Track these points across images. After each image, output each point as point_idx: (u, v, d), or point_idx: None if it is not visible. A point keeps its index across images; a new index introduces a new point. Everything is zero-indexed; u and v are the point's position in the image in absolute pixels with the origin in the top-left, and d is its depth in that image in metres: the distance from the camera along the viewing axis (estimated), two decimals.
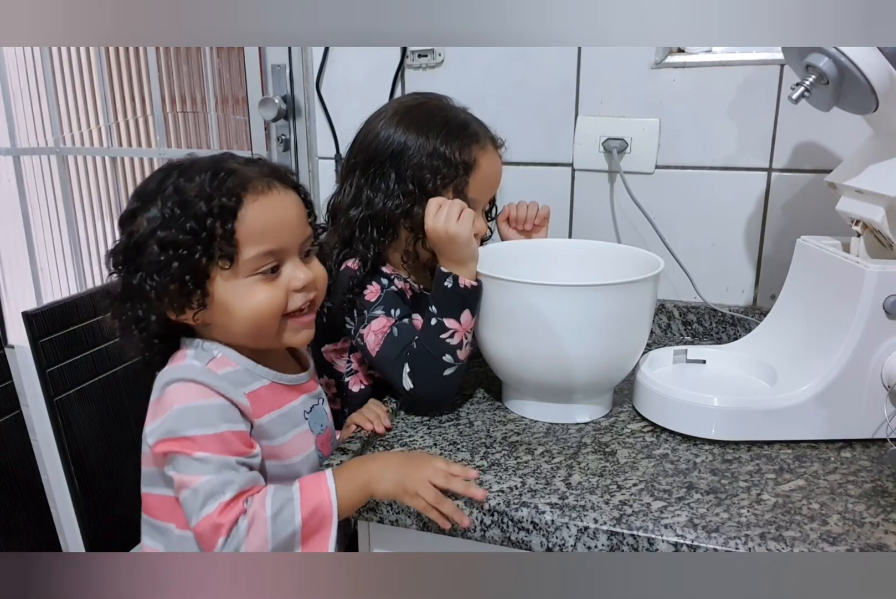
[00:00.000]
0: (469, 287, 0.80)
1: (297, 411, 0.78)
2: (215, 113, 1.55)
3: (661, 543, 0.60)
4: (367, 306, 0.88)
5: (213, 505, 0.64)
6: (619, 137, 1.12)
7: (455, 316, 0.80)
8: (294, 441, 0.76)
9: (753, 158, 1.07)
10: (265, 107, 1.29)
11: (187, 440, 0.66)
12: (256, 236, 0.69)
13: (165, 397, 0.69)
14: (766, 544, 0.59)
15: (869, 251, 0.81)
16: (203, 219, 0.68)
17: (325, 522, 0.65)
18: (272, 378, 0.76)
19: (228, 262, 0.69)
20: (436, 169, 0.88)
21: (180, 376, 0.70)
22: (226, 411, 0.69)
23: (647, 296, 0.79)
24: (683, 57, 1.09)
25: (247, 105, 1.34)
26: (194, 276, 0.69)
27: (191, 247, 0.68)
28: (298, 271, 0.72)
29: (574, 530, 0.63)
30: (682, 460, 0.74)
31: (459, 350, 0.81)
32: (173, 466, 0.68)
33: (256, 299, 0.71)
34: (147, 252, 0.69)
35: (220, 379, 0.70)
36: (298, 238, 0.73)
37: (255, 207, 0.69)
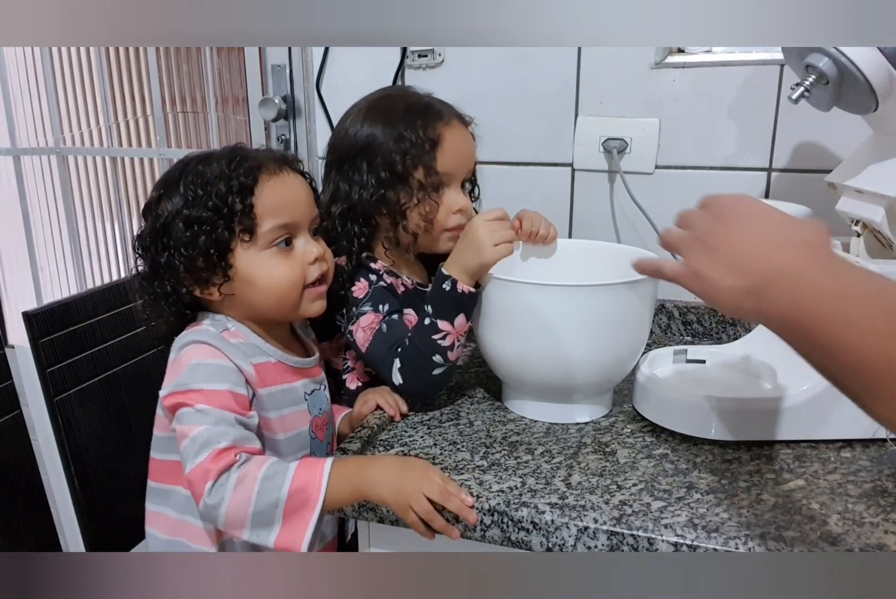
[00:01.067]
0: (466, 293, 0.80)
1: (298, 391, 0.83)
2: (215, 113, 1.55)
3: (661, 543, 0.60)
4: (356, 303, 0.89)
5: (206, 452, 0.68)
6: (619, 137, 1.12)
7: (449, 319, 0.81)
8: (287, 418, 0.81)
9: (753, 158, 1.07)
10: (265, 107, 1.29)
11: (193, 393, 0.71)
12: (272, 210, 0.76)
13: (182, 356, 0.75)
14: (766, 544, 0.59)
15: (869, 251, 0.81)
16: (224, 197, 0.74)
17: (308, 503, 0.66)
18: (278, 357, 0.81)
19: (249, 234, 0.75)
20: (404, 151, 0.89)
21: (196, 338, 0.76)
22: (232, 373, 0.74)
23: (647, 296, 0.79)
24: (683, 57, 1.09)
25: (247, 105, 1.34)
26: (218, 249, 0.75)
27: (214, 223, 0.74)
28: (311, 246, 0.80)
29: (574, 530, 0.63)
30: (682, 460, 0.74)
31: (450, 352, 0.82)
32: (178, 420, 0.72)
33: (278, 271, 0.77)
34: (173, 231, 0.75)
35: (231, 346, 0.76)
36: (308, 215, 0.80)
37: (270, 185, 0.76)
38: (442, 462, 0.73)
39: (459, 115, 0.96)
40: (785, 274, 0.50)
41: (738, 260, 0.53)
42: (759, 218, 0.55)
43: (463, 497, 0.65)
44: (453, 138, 0.92)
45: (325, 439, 0.87)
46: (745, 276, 0.52)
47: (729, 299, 0.53)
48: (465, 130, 0.95)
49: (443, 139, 0.91)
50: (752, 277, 0.51)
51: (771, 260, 0.51)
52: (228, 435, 0.69)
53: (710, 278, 0.54)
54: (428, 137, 0.90)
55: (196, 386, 0.72)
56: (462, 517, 0.65)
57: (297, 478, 0.66)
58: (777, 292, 0.50)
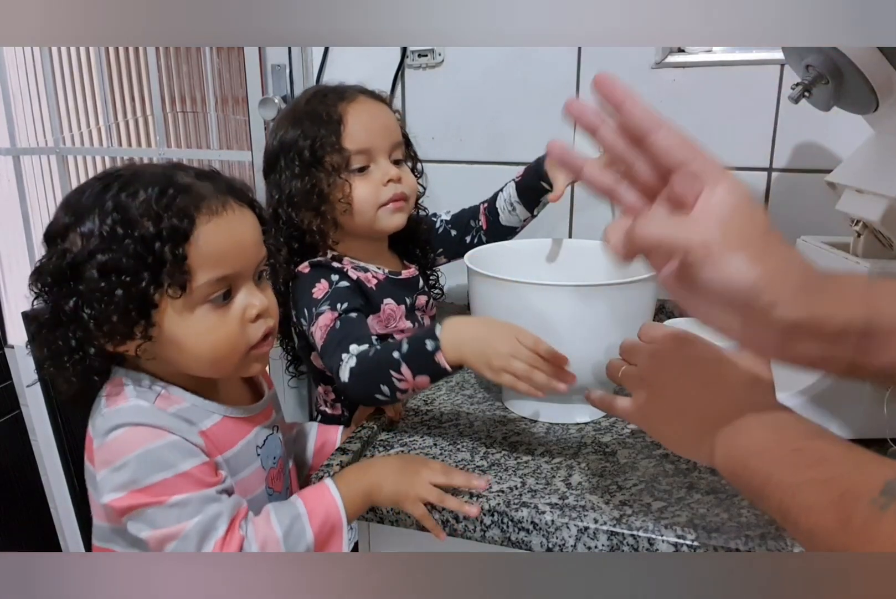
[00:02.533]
0: (442, 367, 0.73)
1: (251, 446, 0.73)
2: (215, 113, 1.55)
3: (661, 543, 0.60)
4: (315, 304, 0.87)
5: (209, 547, 0.60)
6: None
7: (414, 371, 0.74)
8: (242, 483, 0.71)
9: (753, 158, 1.07)
10: (265, 107, 1.29)
11: (155, 488, 0.61)
12: (210, 261, 0.63)
13: (113, 444, 0.63)
14: (766, 544, 0.59)
15: (869, 251, 0.81)
16: (151, 242, 0.60)
17: (335, 531, 0.64)
18: (223, 413, 0.70)
19: (180, 290, 0.62)
20: (310, 138, 0.90)
21: (128, 420, 0.63)
22: (183, 447, 0.64)
23: (647, 296, 0.79)
24: (683, 57, 1.09)
25: (247, 105, 1.34)
26: (140, 305, 0.62)
27: (136, 273, 0.61)
28: (253, 299, 0.67)
29: (574, 530, 0.63)
30: (682, 460, 0.74)
31: (399, 393, 0.76)
32: (147, 522, 0.61)
33: (213, 334, 0.65)
34: (85, 276, 0.61)
35: (170, 418, 0.65)
36: (253, 262, 0.68)
37: (209, 230, 0.63)
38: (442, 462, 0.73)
39: (367, 91, 0.96)
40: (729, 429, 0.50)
41: (682, 406, 0.54)
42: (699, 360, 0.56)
43: (475, 483, 0.65)
44: (357, 113, 0.92)
45: (282, 488, 0.78)
46: (691, 425, 0.53)
47: (680, 446, 0.55)
48: (374, 104, 0.95)
49: (347, 116, 0.91)
50: (699, 425, 0.52)
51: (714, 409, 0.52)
52: (223, 516, 0.61)
53: (656, 421, 0.56)
54: (330, 118, 0.90)
55: (154, 480, 0.61)
56: (463, 513, 0.65)
57: (314, 516, 0.64)
58: (724, 449, 0.50)
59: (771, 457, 0.46)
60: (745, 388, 0.53)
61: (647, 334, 0.60)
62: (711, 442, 0.51)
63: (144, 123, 1.78)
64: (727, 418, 0.51)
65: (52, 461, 0.97)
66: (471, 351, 0.71)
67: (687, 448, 0.54)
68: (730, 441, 0.50)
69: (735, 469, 0.49)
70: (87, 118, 1.79)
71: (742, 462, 0.48)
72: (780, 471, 0.45)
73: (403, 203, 0.94)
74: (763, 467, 0.46)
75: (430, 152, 1.24)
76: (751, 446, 0.48)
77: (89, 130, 1.80)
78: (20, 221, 1.76)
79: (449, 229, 1.08)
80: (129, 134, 1.79)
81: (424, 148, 1.23)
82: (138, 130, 1.79)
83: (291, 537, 0.63)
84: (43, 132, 1.75)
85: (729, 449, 0.50)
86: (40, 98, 1.71)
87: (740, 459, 0.48)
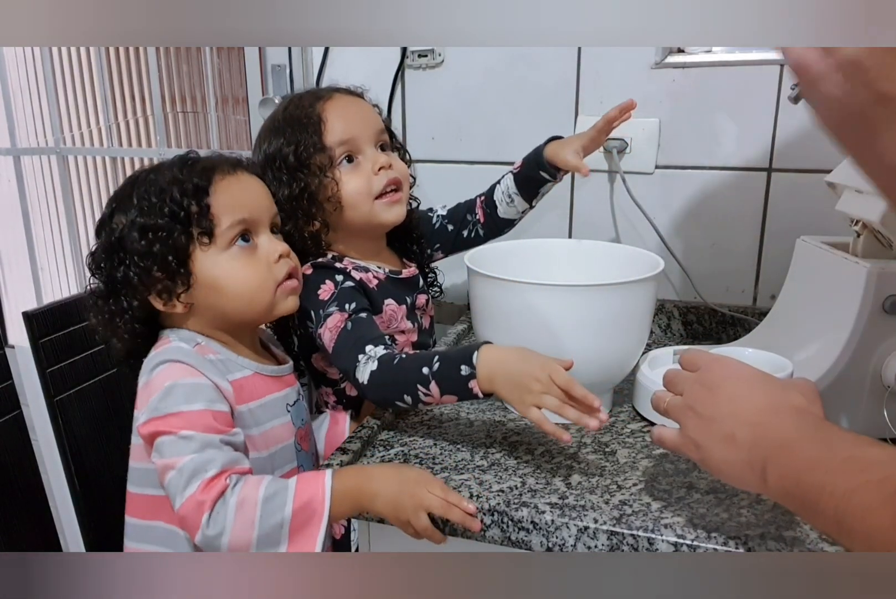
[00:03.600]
0: (474, 392, 0.73)
1: (280, 402, 0.80)
2: (215, 113, 1.55)
3: (661, 543, 0.60)
4: (322, 306, 0.87)
5: (195, 483, 0.65)
6: (619, 137, 1.12)
7: (442, 390, 0.74)
8: (273, 432, 0.78)
9: (753, 158, 1.07)
10: (265, 107, 1.28)
11: (172, 417, 0.68)
12: (229, 208, 0.74)
13: (154, 378, 0.71)
14: (766, 544, 0.59)
15: (869, 251, 0.81)
16: (179, 201, 0.72)
17: (314, 518, 0.65)
18: (255, 369, 0.78)
19: (207, 237, 0.73)
20: (295, 144, 0.90)
21: (169, 357, 0.72)
22: (210, 390, 0.71)
23: (647, 296, 0.79)
24: (683, 57, 1.09)
25: (247, 105, 1.34)
26: (176, 255, 0.72)
27: (170, 228, 0.72)
28: (274, 244, 0.77)
29: (574, 530, 0.63)
30: (682, 460, 0.74)
31: (421, 404, 0.77)
32: (158, 451, 0.68)
33: (244, 272, 0.75)
34: (128, 243, 0.72)
35: (206, 362, 0.73)
36: (267, 212, 0.78)
37: (225, 184, 0.75)
38: (442, 462, 0.73)
39: (342, 88, 0.96)
40: (781, 447, 0.50)
41: (734, 430, 0.53)
42: (748, 383, 0.56)
43: (465, 506, 0.64)
44: (336, 109, 0.92)
45: (309, 449, 0.85)
46: (742, 448, 0.52)
47: (731, 472, 0.54)
48: (351, 99, 0.95)
49: (325, 114, 0.91)
50: (749, 448, 0.52)
51: (766, 430, 0.52)
52: (216, 461, 0.66)
53: (708, 449, 0.55)
54: (310, 119, 0.90)
55: (174, 409, 0.68)
56: (465, 527, 0.65)
57: (300, 495, 0.65)
58: (776, 468, 0.50)
59: (824, 469, 0.46)
60: (793, 407, 0.53)
61: (690, 361, 0.60)
62: (762, 465, 0.51)
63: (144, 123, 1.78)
64: (778, 438, 0.51)
65: (52, 461, 0.97)
66: (503, 384, 0.71)
67: (738, 474, 0.54)
68: (782, 461, 0.50)
69: (788, 488, 0.49)
70: (87, 118, 1.79)
71: (795, 479, 0.48)
72: (834, 480, 0.45)
73: (399, 194, 0.94)
74: (816, 479, 0.46)
75: (430, 152, 1.24)
76: (802, 462, 0.48)
77: (89, 130, 1.80)
78: (20, 221, 1.76)
79: (445, 224, 1.07)
80: (129, 134, 1.79)
81: (424, 148, 1.24)
82: (138, 130, 1.79)
83: (271, 504, 0.64)
84: (43, 132, 1.75)
85: (781, 469, 0.49)
86: (40, 98, 1.71)
87: (793, 476, 0.48)
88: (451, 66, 1.19)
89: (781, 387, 0.55)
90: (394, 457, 0.75)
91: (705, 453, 0.55)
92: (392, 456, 0.75)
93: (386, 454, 0.76)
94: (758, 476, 0.51)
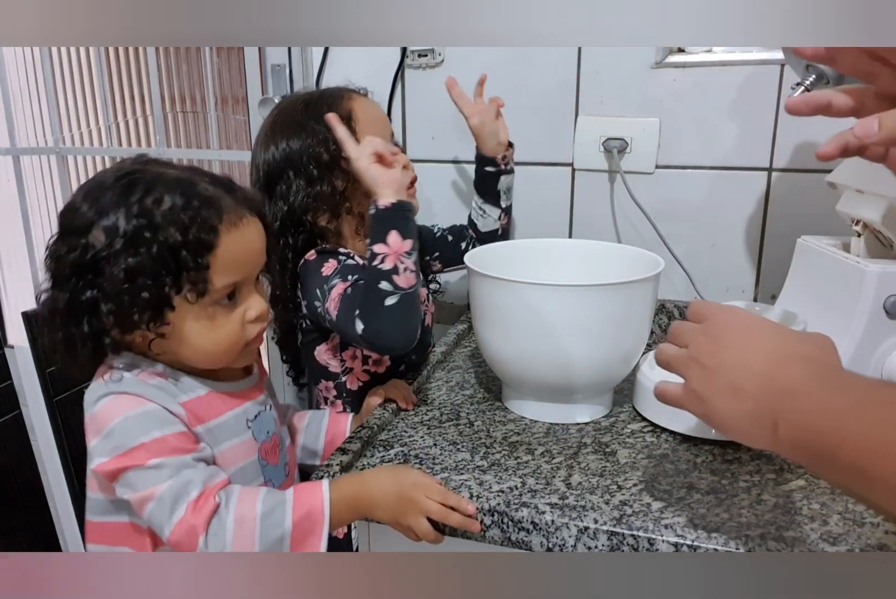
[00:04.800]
0: (387, 207, 0.81)
1: (239, 419, 0.76)
2: (215, 113, 1.55)
3: (661, 543, 0.60)
4: (326, 280, 0.88)
5: (181, 507, 0.63)
6: (619, 137, 1.12)
7: (382, 240, 0.81)
8: (229, 452, 0.74)
9: (753, 158, 1.07)
10: (265, 107, 1.28)
11: (136, 451, 0.65)
12: (226, 269, 0.68)
13: (99, 413, 0.68)
14: (766, 544, 0.59)
15: (869, 251, 0.81)
16: (177, 250, 0.65)
17: (315, 529, 0.64)
18: (210, 387, 0.74)
19: (197, 296, 0.67)
20: (324, 141, 0.91)
21: (111, 389, 0.68)
22: (162, 413, 0.68)
23: (647, 296, 0.79)
24: (683, 57, 1.09)
25: (247, 105, 1.34)
26: (158, 305, 0.66)
27: (158, 277, 0.65)
28: (254, 302, 0.72)
29: (574, 530, 0.63)
30: (683, 460, 0.74)
31: (396, 276, 0.79)
32: (129, 486, 0.65)
33: (217, 333, 0.70)
34: (108, 274, 0.65)
35: (151, 388, 0.69)
36: (258, 268, 0.74)
37: (229, 240, 0.68)
38: (442, 462, 0.73)
39: (353, 90, 1.00)
40: (790, 395, 0.47)
41: (740, 381, 0.50)
42: (756, 333, 0.53)
43: (465, 507, 0.64)
44: (362, 109, 0.96)
45: (279, 462, 0.81)
46: (749, 397, 0.49)
47: (736, 426, 0.51)
48: (366, 100, 0.99)
49: (354, 112, 0.94)
50: (756, 398, 0.49)
51: (773, 379, 0.49)
52: (196, 481, 0.64)
53: (712, 401, 0.51)
54: (343, 115, 0.92)
55: (134, 443, 0.65)
56: (466, 529, 0.65)
57: (298, 507, 0.64)
58: (786, 418, 0.47)
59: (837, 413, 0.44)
60: (803, 356, 0.50)
61: (696, 312, 0.56)
62: (771, 416, 0.47)
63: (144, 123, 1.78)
64: (786, 386, 0.47)
65: (52, 461, 0.97)
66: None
67: (746, 428, 0.50)
68: (792, 409, 0.46)
69: (802, 438, 0.46)
70: (87, 118, 1.79)
71: (806, 427, 0.45)
72: (850, 422, 0.43)
73: (414, 189, 0.97)
74: (829, 424, 0.44)
75: (430, 152, 1.24)
76: (815, 406, 0.45)
77: (89, 130, 1.80)
78: (20, 221, 1.76)
79: (445, 234, 1.12)
80: (129, 134, 1.80)
81: (424, 148, 1.24)
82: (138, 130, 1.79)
83: (269, 519, 0.63)
84: (43, 132, 1.75)
85: (791, 418, 0.46)
86: (40, 98, 1.71)
87: (804, 425, 0.45)
88: (451, 66, 1.19)
89: (791, 336, 0.52)
90: (394, 457, 0.75)
91: (709, 406, 0.52)
92: (392, 456, 0.75)
93: (386, 454, 0.76)
94: (766, 429, 0.48)
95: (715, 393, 0.51)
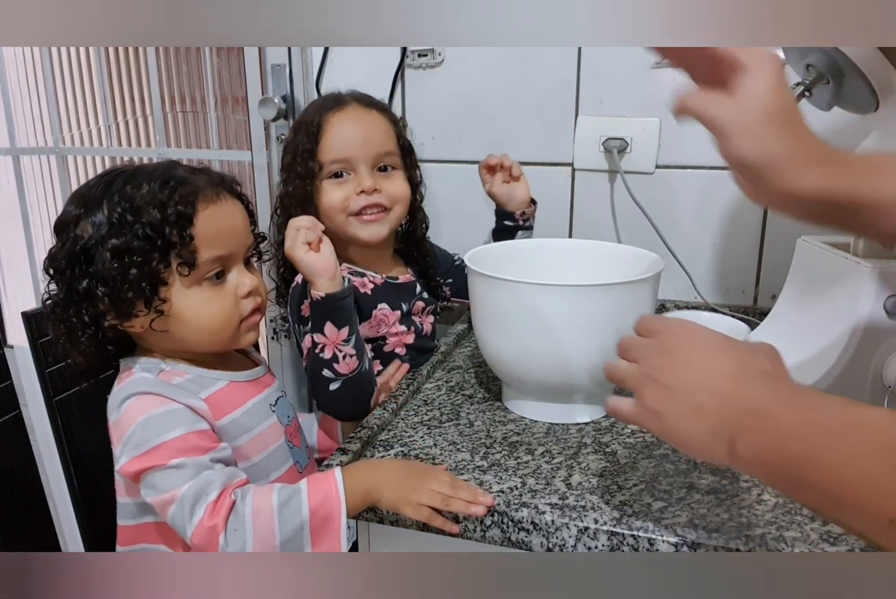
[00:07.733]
0: (318, 299, 0.81)
1: (263, 404, 0.80)
2: (215, 113, 1.55)
3: (661, 543, 0.60)
4: (303, 322, 0.89)
5: (200, 509, 0.64)
6: (619, 136, 1.12)
7: (320, 330, 0.82)
8: (262, 436, 0.78)
9: None
10: (265, 107, 1.28)
11: (157, 450, 0.66)
12: (210, 241, 0.71)
13: (124, 414, 0.69)
14: (766, 544, 0.59)
15: (869, 251, 0.81)
16: (159, 227, 0.68)
17: (333, 515, 0.65)
18: (228, 378, 0.77)
19: (188, 268, 0.70)
20: (295, 147, 0.94)
21: (134, 390, 0.70)
22: (185, 413, 0.70)
23: (647, 296, 0.79)
24: None
25: (247, 105, 1.34)
26: (151, 282, 0.69)
27: (146, 254, 0.68)
28: (244, 278, 0.75)
29: (574, 530, 0.63)
30: (683, 460, 0.74)
31: (336, 364, 0.81)
32: (152, 487, 0.67)
33: (211, 308, 0.73)
34: (97, 259, 0.68)
35: (173, 388, 0.72)
36: (243, 245, 0.76)
37: (207, 214, 0.71)
38: (442, 463, 0.73)
39: (363, 98, 0.97)
40: (754, 415, 0.47)
41: (700, 399, 0.49)
42: (708, 348, 0.52)
43: (481, 499, 0.64)
44: (340, 123, 0.93)
45: (301, 444, 0.85)
46: (708, 415, 0.49)
47: (697, 442, 0.50)
48: (363, 112, 0.96)
49: (326, 126, 0.93)
50: (715, 416, 0.48)
51: (734, 397, 0.48)
52: (215, 482, 0.65)
53: (669, 419, 0.51)
54: (311, 130, 0.93)
55: (156, 442, 0.67)
56: (469, 516, 0.65)
57: (314, 494, 0.65)
58: (748, 437, 0.46)
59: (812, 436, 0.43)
60: (761, 371, 0.49)
61: (646, 326, 0.56)
62: (731, 433, 0.47)
63: (144, 123, 1.78)
64: (749, 404, 0.47)
65: (52, 461, 0.97)
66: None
67: (702, 445, 0.49)
68: (756, 428, 0.46)
69: (765, 457, 0.45)
70: (87, 118, 1.79)
71: (774, 447, 0.45)
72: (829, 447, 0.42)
73: (381, 214, 0.95)
74: (802, 448, 0.43)
75: (430, 152, 1.24)
76: (784, 428, 0.45)
77: (89, 130, 1.80)
78: (20, 221, 1.76)
79: (462, 266, 1.10)
80: (129, 134, 1.79)
81: (424, 148, 1.24)
82: (138, 130, 1.79)
83: (287, 509, 0.64)
84: (43, 132, 1.75)
85: (754, 436, 0.46)
86: (40, 98, 1.71)
87: (771, 445, 0.45)
88: (451, 66, 1.19)
89: (746, 351, 0.52)
90: (394, 458, 0.75)
91: (666, 424, 0.51)
92: (392, 457, 0.75)
93: (386, 455, 0.76)
94: (725, 447, 0.48)
95: (673, 411, 0.51)
